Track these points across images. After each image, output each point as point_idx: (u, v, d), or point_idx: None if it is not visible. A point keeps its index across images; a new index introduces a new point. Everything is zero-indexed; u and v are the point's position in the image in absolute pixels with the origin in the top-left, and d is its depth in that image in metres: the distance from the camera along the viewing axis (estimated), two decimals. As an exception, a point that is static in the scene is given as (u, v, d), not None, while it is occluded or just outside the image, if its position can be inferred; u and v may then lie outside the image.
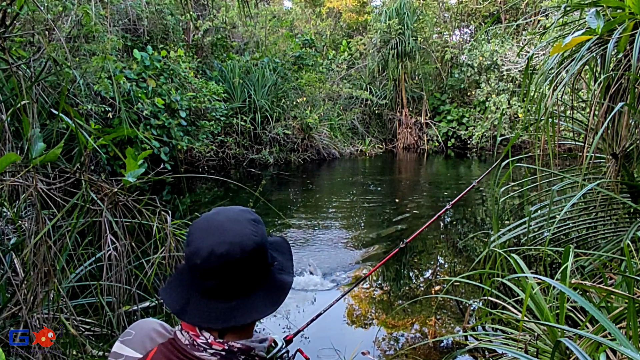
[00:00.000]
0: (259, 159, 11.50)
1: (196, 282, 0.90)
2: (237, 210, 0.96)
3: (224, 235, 0.89)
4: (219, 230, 0.90)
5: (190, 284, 0.91)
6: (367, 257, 5.26)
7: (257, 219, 0.96)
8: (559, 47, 2.72)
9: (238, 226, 0.91)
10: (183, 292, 0.91)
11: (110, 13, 8.04)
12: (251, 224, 0.93)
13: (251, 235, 0.91)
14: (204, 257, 0.87)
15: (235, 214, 0.94)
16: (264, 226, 0.97)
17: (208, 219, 0.94)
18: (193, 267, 0.89)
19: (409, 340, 3.45)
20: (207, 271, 0.88)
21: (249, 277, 0.90)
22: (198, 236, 0.91)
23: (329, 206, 8.11)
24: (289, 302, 4.02)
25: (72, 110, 2.14)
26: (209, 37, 12.15)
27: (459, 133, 15.03)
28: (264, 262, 0.93)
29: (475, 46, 14.56)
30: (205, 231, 0.91)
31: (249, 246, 0.89)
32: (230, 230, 0.90)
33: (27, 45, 4.39)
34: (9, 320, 2.00)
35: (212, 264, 0.87)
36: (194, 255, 0.89)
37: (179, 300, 0.91)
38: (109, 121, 7.22)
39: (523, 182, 3.79)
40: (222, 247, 0.87)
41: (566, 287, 2.12)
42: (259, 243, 0.91)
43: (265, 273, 0.94)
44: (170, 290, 0.93)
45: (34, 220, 1.97)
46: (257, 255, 0.91)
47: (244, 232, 0.90)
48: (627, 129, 2.88)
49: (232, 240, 0.88)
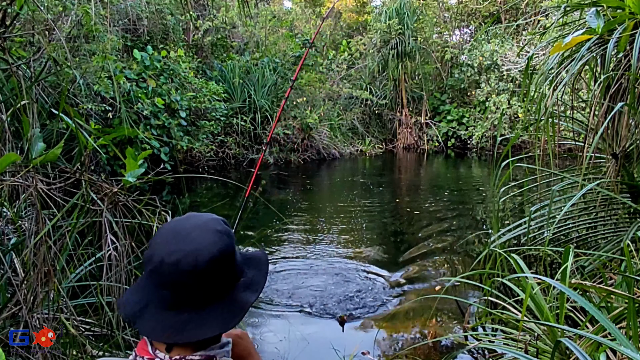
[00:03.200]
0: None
1: (152, 289, 0.85)
2: (206, 218, 0.91)
3: (181, 243, 0.84)
4: (178, 237, 0.85)
5: (147, 291, 0.86)
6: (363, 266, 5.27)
7: (224, 230, 0.89)
8: (559, 46, 2.72)
9: (199, 235, 0.86)
10: (141, 299, 0.87)
11: (110, 13, 8.04)
12: (215, 234, 0.87)
13: (210, 246, 0.85)
14: (156, 264, 0.83)
15: (202, 222, 0.89)
16: (231, 238, 0.90)
17: (173, 224, 0.90)
18: (149, 274, 0.85)
19: (408, 340, 3.45)
20: (160, 279, 0.83)
21: (202, 290, 0.84)
22: (157, 241, 0.87)
23: (329, 207, 8.11)
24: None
25: (72, 110, 2.14)
26: (209, 37, 12.14)
27: (459, 133, 15.03)
28: (222, 276, 0.87)
29: (475, 46, 14.56)
30: (165, 237, 0.87)
31: (204, 257, 0.83)
32: (189, 239, 0.85)
33: (27, 45, 4.38)
34: (9, 320, 2.00)
35: (163, 272, 0.83)
36: (148, 261, 0.85)
37: (135, 306, 0.86)
38: (109, 121, 7.23)
39: (523, 182, 3.79)
40: (175, 256, 0.82)
41: (566, 287, 2.12)
42: (216, 255, 0.84)
43: (224, 287, 0.88)
44: (129, 295, 0.89)
45: (34, 220, 1.97)
46: (213, 268, 0.84)
47: (202, 242, 0.85)
48: (627, 129, 2.88)
49: (187, 249, 0.83)
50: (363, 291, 4.23)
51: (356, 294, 4.17)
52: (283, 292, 4.21)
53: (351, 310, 3.84)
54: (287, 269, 4.81)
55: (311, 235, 6.15)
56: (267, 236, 5.98)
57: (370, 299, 4.07)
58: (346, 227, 6.62)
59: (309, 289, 4.31)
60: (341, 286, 4.35)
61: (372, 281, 4.52)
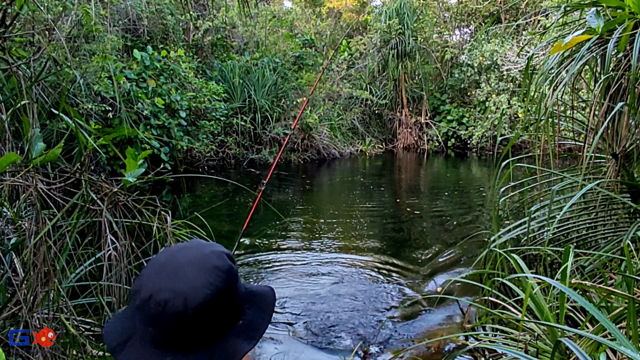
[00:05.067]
0: (259, 159, 11.50)
1: (137, 323, 0.78)
2: (205, 252, 0.81)
3: (172, 280, 0.76)
4: (170, 272, 0.77)
5: (133, 323, 0.79)
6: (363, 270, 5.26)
7: (224, 268, 0.79)
8: (559, 46, 2.72)
9: (193, 273, 0.77)
10: (125, 329, 0.80)
11: (110, 13, 8.04)
12: (213, 272, 0.78)
13: (204, 287, 0.75)
14: (143, 299, 0.75)
15: (200, 257, 0.80)
16: (232, 276, 0.80)
17: (167, 255, 0.81)
18: (135, 307, 0.78)
19: (409, 340, 3.45)
20: (145, 316, 0.76)
21: (190, 334, 0.75)
22: (147, 272, 0.79)
23: (329, 207, 8.11)
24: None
25: (72, 110, 2.14)
26: (209, 37, 12.15)
27: (459, 133, 15.03)
28: (215, 321, 0.77)
29: (475, 46, 14.56)
30: (157, 269, 0.78)
31: (196, 300, 0.74)
32: (182, 276, 0.76)
33: (27, 45, 4.38)
34: (9, 320, 2.00)
35: (149, 310, 0.75)
36: (135, 294, 0.77)
37: (119, 337, 0.80)
38: (109, 121, 7.23)
39: (523, 182, 3.79)
40: (163, 295, 0.74)
41: (566, 287, 2.12)
42: (209, 299, 0.75)
43: (217, 331, 0.78)
44: (116, 323, 0.82)
45: (34, 220, 1.97)
46: (204, 312, 0.75)
47: (196, 282, 0.75)
48: (627, 129, 2.88)
49: (177, 288, 0.74)
50: (366, 300, 4.19)
51: (359, 306, 3.97)
52: (283, 306, 3.96)
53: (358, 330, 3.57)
54: (286, 277, 4.66)
55: (311, 236, 6.15)
56: (267, 236, 5.97)
57: (372, 309, 4.06)
58: (346, 228, 6.62)
59: (309, 303, 4.06)
60: (344, 299, 4.11)
61: (374, 285, 4.52)
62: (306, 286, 4.43)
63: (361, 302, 4.06)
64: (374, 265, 4.99)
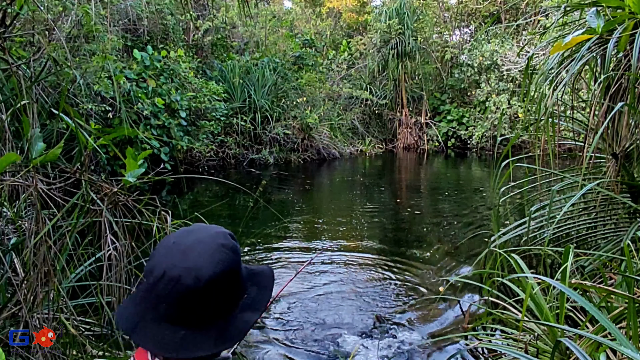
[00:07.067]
0: (259, 159, 11.50)
1: (150, 302, 0.83)
2: (212, 232, 0.88)
3: (183, 258, 0.81)
4: (180, 251, 0.83)
5: (146, 303, 0.84)
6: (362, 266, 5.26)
7: (230, 245, 0.86)
8: (559, 46, 2.72)
9: (202, 250, 0.83)
10: (138, 310, 0.85)
11: (110, 13, 8.04)
12: (219, 251, 0.84)
13: (212, 264, 0.82)
14: (156, 277, 0.81)
15: (207, 237, 0.86)
16: (237, 254, 0.87)
17: (177, 236, 0.87)
18: (148, 286, 0.83)
19: (408, 340, 3.45)
20: (158, 293, 0.81)
21: (201, 308, 0.82)
22: (159, 252, 0.85)
23: (329, 207, 8.11)
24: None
25: (72, 110, 2.14)
26: (209, 37, 12.15)
27: (459, 133, 15.03)
28: (223, 295, 0.84)
29: (475, 46, 14.56)
30: (168, 249, 0.84)
31: (205, 275, 0.80)
32: (191, 254, 0.82)
33: (27, 45, 4.38)
34: (9, 320, 1.99)
35: (162, 287, 0.80)
36: (149, 274, 0.83)
37: (132, 318, 0.84)
38: (109, 121, 7.23)
39: (523, 182, 3.79)
40: (175, 271, 0.80)
41: (566, 287, 2.12)
42: (219, 273, 0.82)
43: (226, 306, 0.85)
44: (128, 306, 0.87)
45: (34, 220, 1.97)
46: (214, 287, 0.81)
47: (205, 259, 0.82)
48: (627, 129, 2.88)
49: (188, 265, 0.80)
50: (366, 299, 4.21)
51: (359, 306, 3.96)
52: (282, 309, 3.90)
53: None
54: (286, 277, 4.56)
55: (311, 236, 6.15)
56: (267, 236, 5.97)
57: (372, 310, 4.06)
58: (346, 228, 6.62)
59: (309, 303, 4.04)
60: (343, 299, 4.10)
61: (374, 285, 4.52)
62: (306, 286, 4.42)
63: (361, 302, 4.06)
64: (374, 265, 4.99)
